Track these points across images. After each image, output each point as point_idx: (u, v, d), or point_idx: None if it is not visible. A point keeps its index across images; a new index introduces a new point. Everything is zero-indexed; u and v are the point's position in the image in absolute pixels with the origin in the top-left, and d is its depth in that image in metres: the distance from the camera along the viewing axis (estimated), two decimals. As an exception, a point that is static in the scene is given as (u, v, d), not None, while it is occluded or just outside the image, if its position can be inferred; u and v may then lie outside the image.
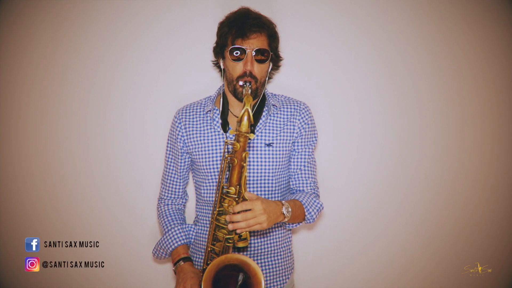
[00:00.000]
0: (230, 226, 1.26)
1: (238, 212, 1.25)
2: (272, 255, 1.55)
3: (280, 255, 1.57)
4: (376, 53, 1.87)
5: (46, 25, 1.80)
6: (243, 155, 1.27)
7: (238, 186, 1.29)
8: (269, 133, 1.53)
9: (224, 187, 1.32)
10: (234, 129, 1.40)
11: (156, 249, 1.60)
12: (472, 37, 1.89)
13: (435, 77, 1.90)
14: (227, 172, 1.34)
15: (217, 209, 1.34)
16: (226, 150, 1.42)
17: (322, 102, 1.85)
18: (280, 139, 1.53)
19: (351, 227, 1.93)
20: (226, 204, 1.31)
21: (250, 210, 1.24)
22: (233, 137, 1.31)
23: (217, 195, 1.35)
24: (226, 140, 1.34)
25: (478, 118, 1.93)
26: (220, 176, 1.36)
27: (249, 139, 1.30)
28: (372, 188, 1.92)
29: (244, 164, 1.28)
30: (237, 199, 1.29)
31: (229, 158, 1.29)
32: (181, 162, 1.60)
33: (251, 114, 1.26)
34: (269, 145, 1.51)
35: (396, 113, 1.90)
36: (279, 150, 1.53)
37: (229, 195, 1.30)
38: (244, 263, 1.21)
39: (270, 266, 1.54)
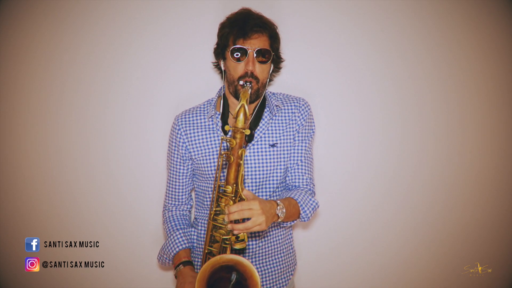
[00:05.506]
0: (229, 226, 1.22)
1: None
2: (274, 254, 1.53)
3: (283, 252, 1.56)
4: (376, 53, 1.86)
5: (46, 26, 1.78)
6: (240, 152, 1.23)
7: (235, 185, 1.25)
8: (272, 133, 1.50)
9: (221, 186, 1.28)
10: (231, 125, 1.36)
11: (160, 254, 1.56)
12: (472, 37, 1.87)
13: (435, 76, 1.89)
14: (224, 171, 1.30)
15: (214, 209, 1.29)
16: (222, 148, 1.38)
17: (322, 102, 1.84)
18: (284, 139, 1.51)
19: (351, 228, 1.92)
20: (223, 204, 1.26)
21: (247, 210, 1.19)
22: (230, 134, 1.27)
23: (213, 194, 1.31)
24: (222, 137, 1.29)
25: (478, 119, 1.91)
26: (217, 174, 1.32)
27: (246, 135, 1.26)
28: (372, 188, 1.90)
29: (241, 162, 1.24)
30: (234, 198, 1.25)
31: (225, 155, 1.25)
32: (183, 169, 1.56)
33: (247, 110, 1.23)
34: (273, 145, 1.49)
35: (396, 113, 1.89)
36: (284, 150, 1.50)
37: (226, 194, 1.26)
38: (240, 264, 1.16)
39: (273, 267, 1.52)
